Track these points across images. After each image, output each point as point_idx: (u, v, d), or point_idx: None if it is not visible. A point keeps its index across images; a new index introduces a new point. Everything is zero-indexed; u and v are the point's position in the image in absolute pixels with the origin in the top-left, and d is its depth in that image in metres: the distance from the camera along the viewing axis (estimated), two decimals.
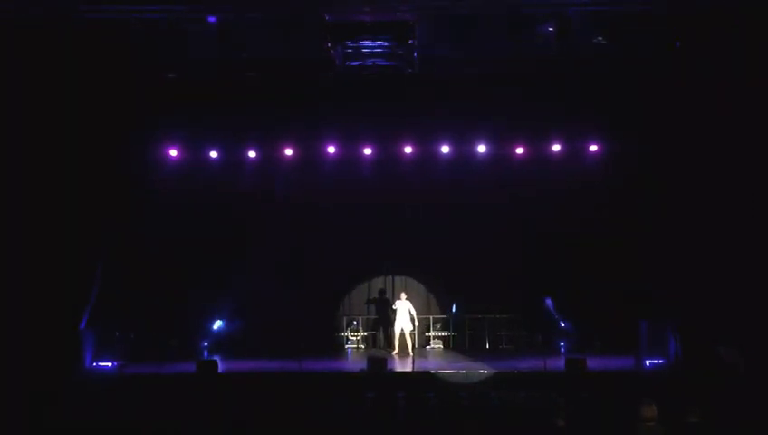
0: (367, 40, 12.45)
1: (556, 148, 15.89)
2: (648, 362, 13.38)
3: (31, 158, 13.04)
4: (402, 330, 15.28)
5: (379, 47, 12.70)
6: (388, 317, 16.23)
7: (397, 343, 15.38)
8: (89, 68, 13.05)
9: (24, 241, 12.97)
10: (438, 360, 14.91)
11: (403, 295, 15.63)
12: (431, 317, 16.72)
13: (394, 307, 15.63)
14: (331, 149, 15.93)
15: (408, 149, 15.93)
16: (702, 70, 12.78)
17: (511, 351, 15.92)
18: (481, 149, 15.92)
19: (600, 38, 12.29)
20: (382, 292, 16.74)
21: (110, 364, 13.75)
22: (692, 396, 10.30)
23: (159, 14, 11.65)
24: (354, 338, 16.75)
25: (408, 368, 13.60)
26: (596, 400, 10.48)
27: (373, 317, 16.81)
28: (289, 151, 15.95)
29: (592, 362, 12.89)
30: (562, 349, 15.49)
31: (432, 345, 16.50)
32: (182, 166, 15.99)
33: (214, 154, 16.02)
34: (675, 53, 12.77)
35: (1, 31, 11.71)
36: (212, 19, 11.84)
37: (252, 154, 16.07)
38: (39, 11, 11.46)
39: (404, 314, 15.28)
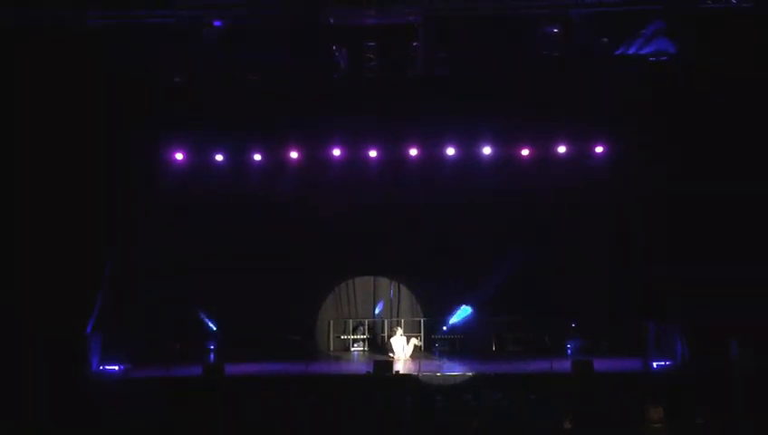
0: (372, 43, 12.49)
1: (561, 149, 15.85)
2: (655, 364, 13.32)
3: (38, 162, 13.11)
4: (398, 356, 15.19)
5: (383, 50, 12.73)
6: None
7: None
8: (95, 73, 13.12)
9: (30, 246, 13.03)
10: (444, 362, 14.88)
11: (399, 330, 15.60)
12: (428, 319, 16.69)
13: (393, 348, 15.35)
14: (337, 152, 15.96)
15: (413, 152, 15.94)
16: (708, 70, 12.77)
17: (518, 353, 15.88)
18: (486, 150, 15.90)
19: (605, 39, 12.28)
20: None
21: (116, 368, 13.77)
22: (699, 398, 10.28)
23: (167, 19, 11.71)
24: (360, 340, 16.76)
25: (414, 371, 13.58)
26: (603, 401, 10.46)
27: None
28: (294, 154, 15.99)
29: (599, 364, 12.84)
30: (569, 351, 15.48)
31: (437, 348, 16.47)
32: (188, 169, 16.00)
33: (219, 157, 16.05)
34: (680, 53, 12.76)
35: (10, 36, 11.80)
36: (218, 23, 11.89)
37: (257, 157, 16.11)
38: (47, 17, 11.54)
39: (400, 345, 15.23)
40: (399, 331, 15.63)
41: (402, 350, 15.24)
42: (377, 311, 16.90)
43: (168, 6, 11.63)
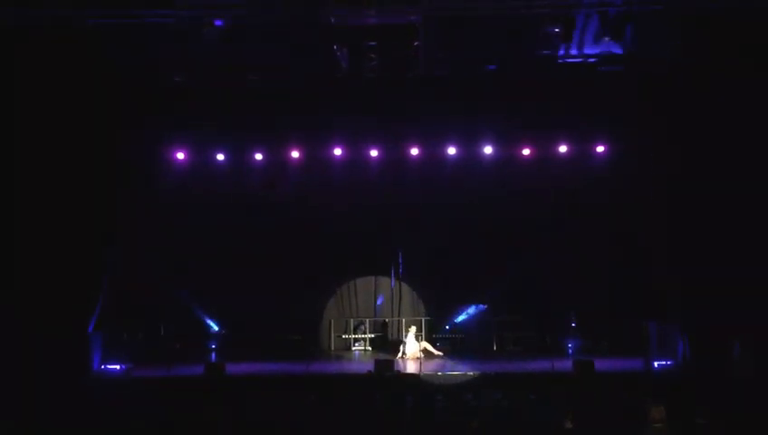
0: (372, 42, 12.51)
1: (563, 149, 15.88)
2: (656, 364, 13.33)
3: (38, 163, 13.11)
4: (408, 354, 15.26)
5: (384, 50, 12.74)
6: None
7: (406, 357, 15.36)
8: (95, 72, 13.13)
9: (30, 245, 13.03)
10: (445, 362, 14.90)
11: (413, 329, 15.63)
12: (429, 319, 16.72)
13: (405, 341, 15.55)
14: (338, 152, 15.98)
15: (414, 151, 15.97)
16: (708, 70, 12.78)
17: (518, 352, 15.90)
18: (486, 150, 15.93)
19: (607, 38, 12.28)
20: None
21: (118, 367, 13.79)
22: (700, 397, 10.29)
23: (167, 19, 11.70)
24: (361, 340, 16.78)
25: (415, 370, 13.60)
26: (604, 401, 10.46)
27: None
28: (295, 154, 16.01)
29: (600, 364, 12.87)
30: (570, 350, 15.50)
31: (438, 347, 16.48)
32: (188, 169, 16.04)
33: (220, 157, 16.07)
34: (683, 53, 12.78)
35: (10, 36, 11.80)
36: (219, 23, 11.89)
37: (258, 157, 16.13)
38: (47, 17, 11.54)
39: (412, 344, 15.30)
40: (413, 329, 15.62)
41: (409, 347, 15.24)
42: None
43: (169, 6, 11.61)
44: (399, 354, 15.24)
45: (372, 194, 16.34)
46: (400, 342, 15.86)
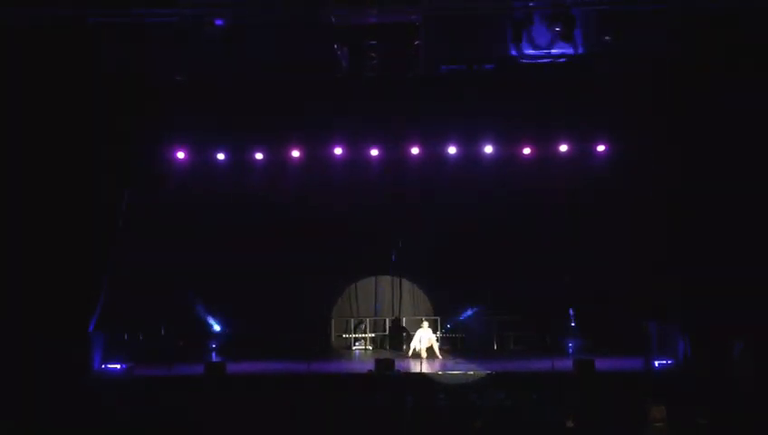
0: (373, 42, 12.52)
1: (563, 148, 15.89)
2: (656, 363, 13.35)
3: (39, 162, 13.12)
4: (417, 348, 15.24)
5: (384, 49, 12.75)
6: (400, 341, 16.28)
7: (410, 353, 15.35)
8: (96, 72, 13.13)
9: (32, 245, 13.03)
10: (446, 361, 14.90)
11: (425, 324, 15.56)
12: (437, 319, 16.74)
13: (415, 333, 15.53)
14: (338, 151, 16.00)
15: (414, 151, 15.98)
16: (708, 70, 12.80)
17: (519, 352, 15.91)
18: (486, 150, 15.95)
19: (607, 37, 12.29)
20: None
21: (118, 366, 13.80)
22: (701, 397, 10.31)
23: (169, 18, 11.70)
24: (362, 339, 16.80)
25: (416, 369, 13.60)
26: (605, 401, 10.47)
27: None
28: (296, 153, 16.02)
29: (601, 363, 12.88)
30: (570, 350, 15.51)
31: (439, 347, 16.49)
32: (189, 169, 16.04)
33: (221, 156, 16.08)
34: (683, 53, 12.79)
35: (10, 36, 11.80)
36: (219, 22, 11.89)
37: (259, 156, 16.14)
38: (48, 16, 11.54)
39: (424, 338, 15.25)
40: (425, 324, 15.57)
41: (420, 342, 15.19)
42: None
43: (170, 5, 11.62)
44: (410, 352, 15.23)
45: (372, 194, 16.35)
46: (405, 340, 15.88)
